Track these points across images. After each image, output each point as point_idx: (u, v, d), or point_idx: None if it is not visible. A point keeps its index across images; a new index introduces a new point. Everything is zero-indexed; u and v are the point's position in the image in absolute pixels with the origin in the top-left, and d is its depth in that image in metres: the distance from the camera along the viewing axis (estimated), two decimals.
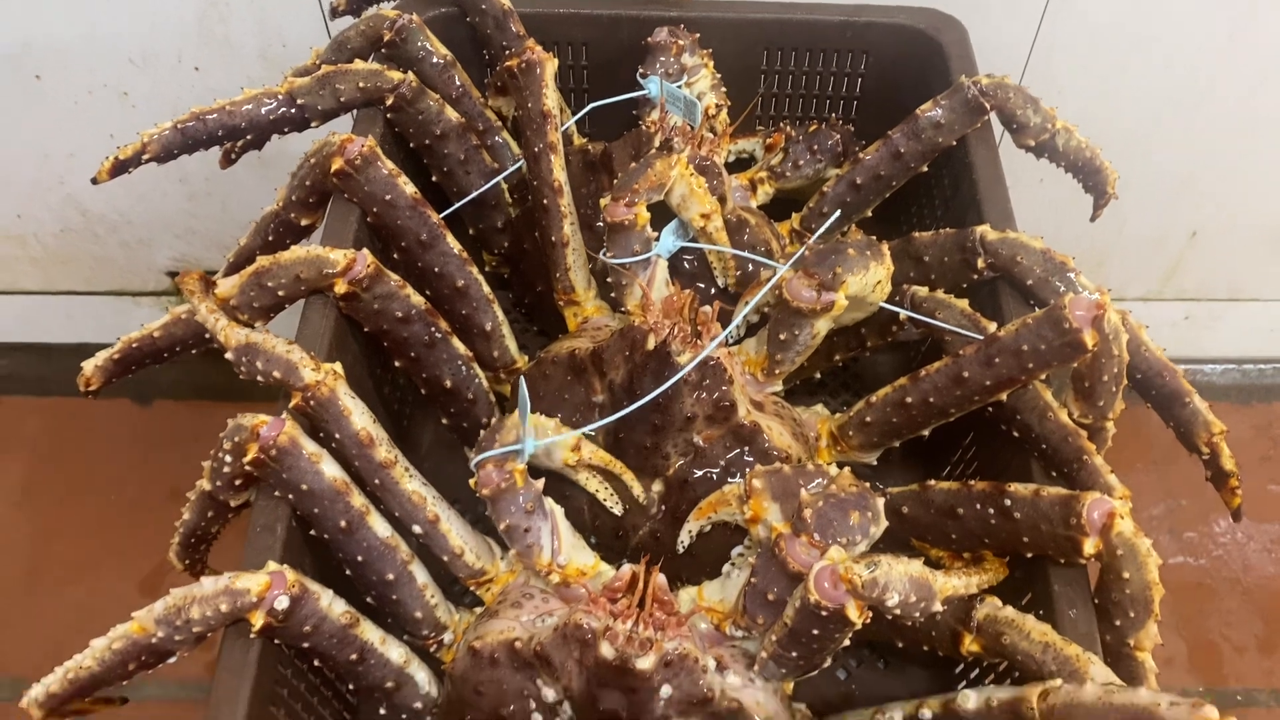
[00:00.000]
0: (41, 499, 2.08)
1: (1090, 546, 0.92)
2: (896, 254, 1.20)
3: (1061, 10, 1.67)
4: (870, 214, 1.36)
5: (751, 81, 1.49)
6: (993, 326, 1.10)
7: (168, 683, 1.78)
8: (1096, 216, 1.39)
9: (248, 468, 0.98)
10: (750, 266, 1.25)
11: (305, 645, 0.96)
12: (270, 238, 1.28)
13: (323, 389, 0.99)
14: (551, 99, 1.23)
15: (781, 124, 1.51)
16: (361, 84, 1.27)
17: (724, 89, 1.41)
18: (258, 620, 0.91)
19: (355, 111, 1.31)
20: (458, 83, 1.35)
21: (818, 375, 1.37)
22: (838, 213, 1.21)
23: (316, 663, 1.00)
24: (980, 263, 1.14)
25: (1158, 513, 2.14)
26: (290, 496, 0.99)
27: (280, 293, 1.11)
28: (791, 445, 1.11)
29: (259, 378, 1.01)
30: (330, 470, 0.98)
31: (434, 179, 1.36)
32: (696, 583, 1.07)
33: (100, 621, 0.97)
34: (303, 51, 1.60)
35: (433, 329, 1.16)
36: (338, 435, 1.00)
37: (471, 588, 1.07)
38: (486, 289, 1.23)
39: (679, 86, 1.36)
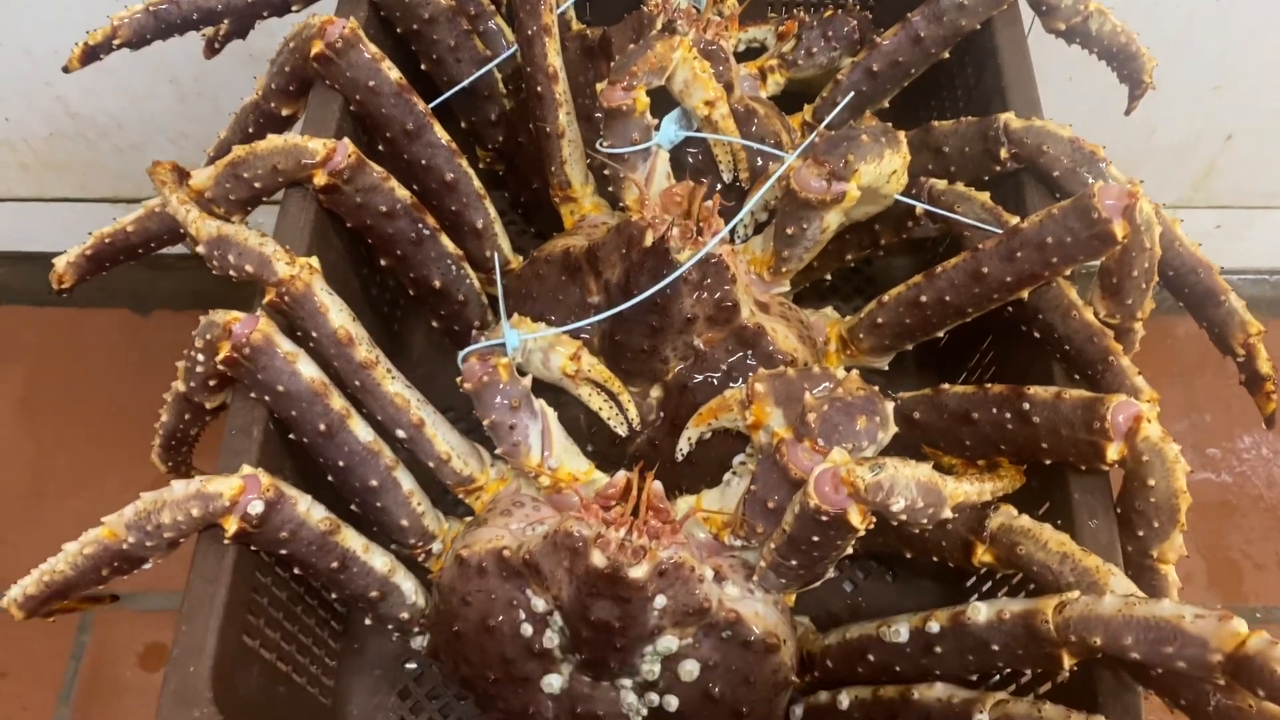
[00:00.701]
0: (41, 410, 2.05)
1: (1114, 451, 0.86)
2: (914, 145, 1.12)
3: None
4: (887, 104, 1.27)
5: None
6: (1014, 220, 1.03)
7: (171, 594, 1.78)
8: (1132, 109, 1.30)
9: (221, 368, 0.93)
10: (759, 159, 1.17)
11: (283, 552, 0.92)
12: (250, 129, 1.21)
13: (297, 284, 0.93)
14: None
15: (795, 10, 1.42)
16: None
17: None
18: (231, 526, 0.87)
19: None
20: None
21: (828, 278, 1.30)
22: (850, 95, 1.12)
23: (297, 571, 0.96)
24: (1003, 153, 1.07)
25: (1181, 428, 2.07)
26: (266, 398, 0.94)
27: (257, 184, 1.05)
28: (798, 349, 1.05)
29: (231, 273, 0.95)
30: (307, 370, 0.93)
31: (423, 67, 1.28)
32: (696, 492, 1.02)
33: None
34: None
35: (420, 225, 1.09)
36: (315, 334, 0.95)
37: (461, 496, 1.02)
38: (477, 183, 1.16)
39: None
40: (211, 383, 0.99)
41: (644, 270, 1.00)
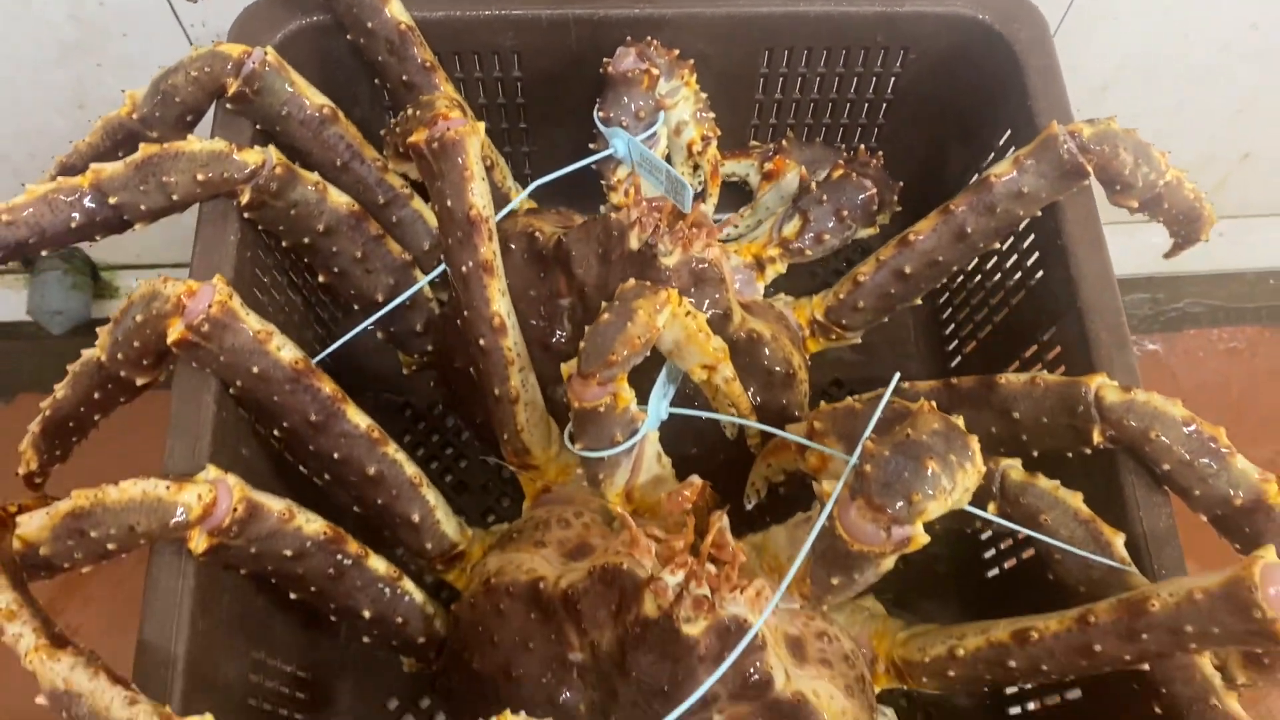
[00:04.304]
0: None
1: None
2: (973, 400, 0.87)
3: None
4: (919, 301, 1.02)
5: (746, 89, 1.10)
6: (1119, 540, 0.80)
7: None
8: (1174, 255, 1.08)
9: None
10: (766, 395, 0.92)
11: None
12: (96, 395, 0.91)
13: None
14: (480, 195, 0.85)
15: (783, 140, 1.13)
16: (200, 175, 0.87)
17: (711, 115, 1.03)
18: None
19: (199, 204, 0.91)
20: (344, 144, 0.95)
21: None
22: (895, 379, 0.85)
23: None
24: (1096, 434, 0.82)
25: None
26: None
27: (110, 545, 0.76)
28: (846, 710, 0.81)
29: None
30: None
31: (321, 279, 0.98)
32: None
33: None
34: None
35: (338, 556, 0.84)
36: None
37: None
38: (410, 470, 0.89)
39: (654, 129, 0.98)
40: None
41: (645, 647, 0.75)
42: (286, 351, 0.83)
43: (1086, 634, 0.74)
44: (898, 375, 0.83)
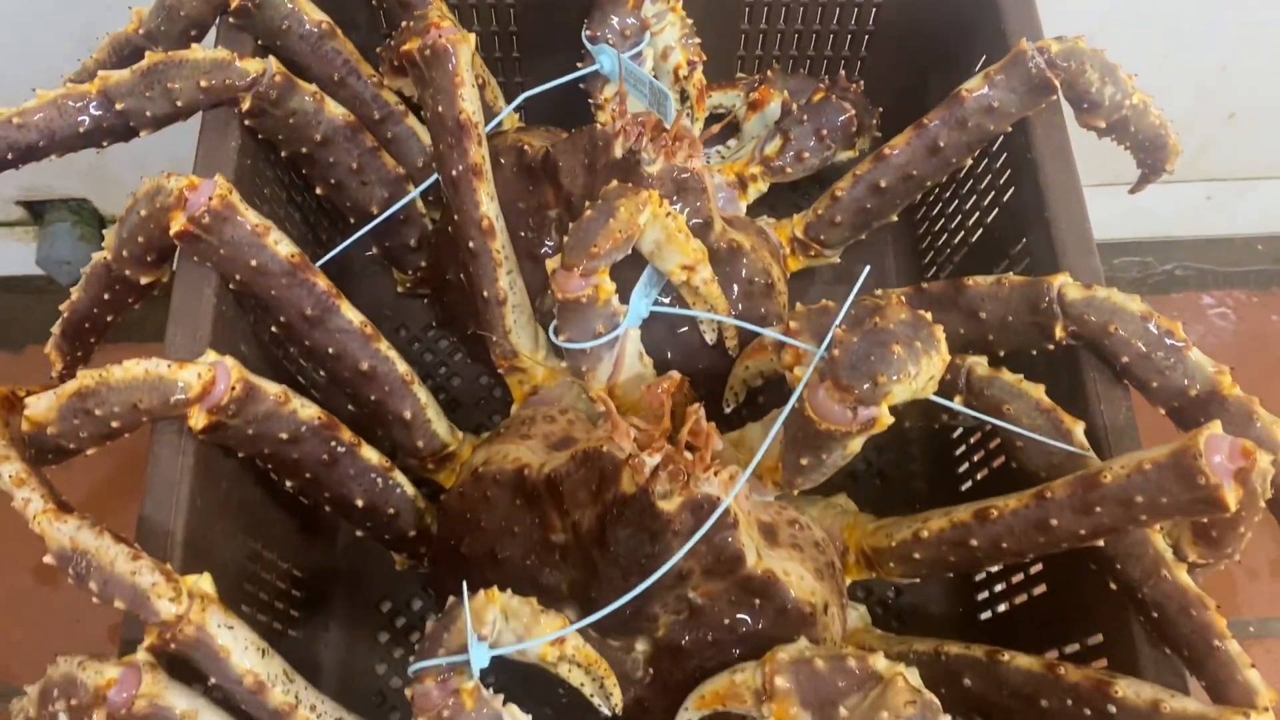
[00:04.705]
0: None
1: None
2: (941, 302, 0.91)
3: None
4: (895, 217, 1.05)
5: (731, 19, 1.13)
6: (1079, 429, 0.83)
7: None
8: (1139, 190, 1.12)
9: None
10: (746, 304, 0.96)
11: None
12: (106, 296, 0.95)
13: (186, 627, 0.70)
14: (470, 101, 0.89)
15: (768, 71, 1.17)
16: (204, 81, 0.91)
17: (697, 40, 1.06)
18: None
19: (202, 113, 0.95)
20: (341, 59, 0.99)
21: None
22: (866, 272, 0.89)
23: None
24: (1058, 330, 0.86)
25: (1274, 556, 1.87)
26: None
27: (114, 423, 0.80)
28: (816, 591, 0.85)
29: (94, 600, 0.72)
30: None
31: (319, 190, 1.02)
32: None
33: None
34: None
35: (332, 444, 0.87)
36: (215, 680, 0.72)
37: None
38: (401, 367, 0.92)
39: (640, 48, 1.01)
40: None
41: (622, 522, 0.79)
42: (283, 246, 0.86)
43: (1044, 509, 0.78)
44: (868, 268, 0.87)
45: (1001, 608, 1.01)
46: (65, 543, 0.73)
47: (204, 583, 0.73)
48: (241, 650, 0.72)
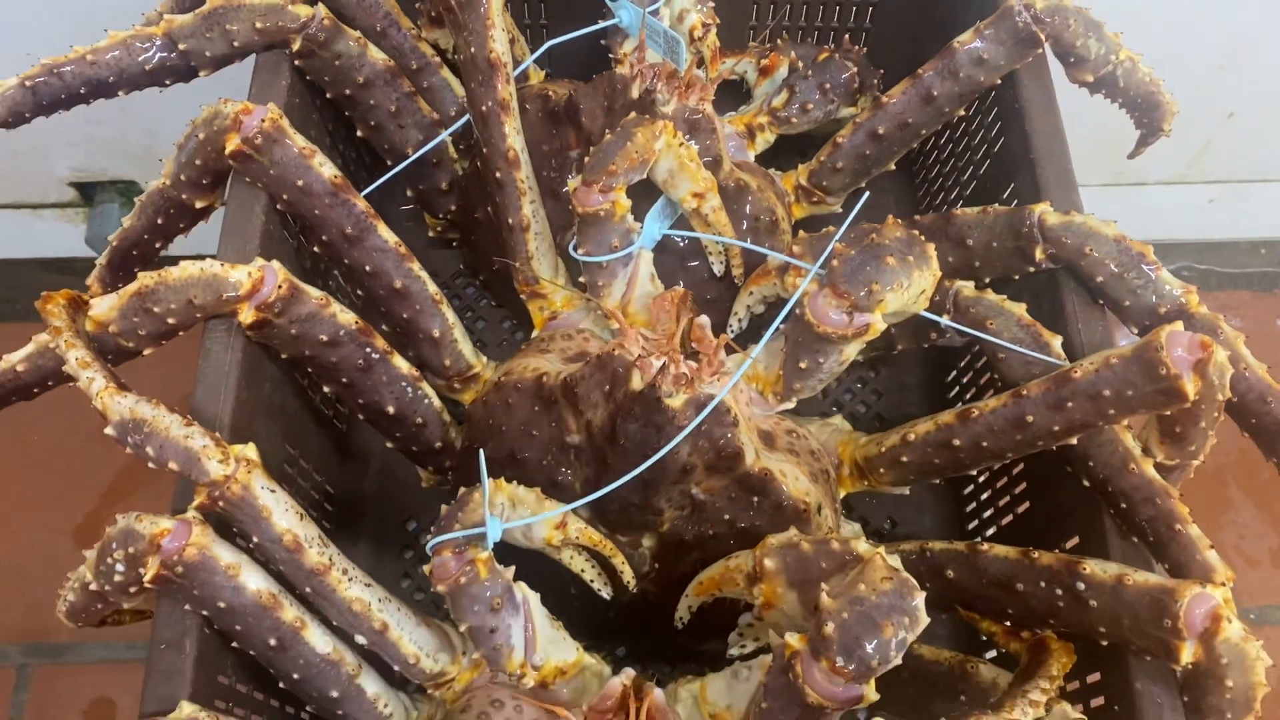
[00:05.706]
0: None
1: (1188, 654, 0.75)
2: (932, 232, 0.98)
3: None
4: (893, 166, 1.12)
5: None
6: (1056, 342, 0.90)
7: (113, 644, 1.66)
8: (1138, 154, 1.18)
9: (148, 584, 0.78)
10: (752, 239, 1.03)
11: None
12: (160, 220, 1.04)
13: (233, 486, 0.78)
14: (500, 42, 0.97)
15: (779, 39, 1.25)
16: (259, 24, 1.00)
17: (711, 3, 1.15)
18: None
19: (256, 55, 1.04)
20: (382, 12, 1.08)
21: None
22: (864, 197, 0.97)
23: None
24: (1038, 252, 0.93)
25: (1274, 545, 1.87)
26: (204, 613, 0.80)
27: (170, 320, 0.88)
28: (810, 492, 0.92)
29: (150, 465, 0.79)
30: (254, 583, 0.78)
31: (359, 133, 1.11)
32: (695, 650, 0.91)
33: None
34: None
35: (367, 349, 0.94)
36: (257, 539, 0.80)
37: (430, 691, 0.89)
38: (431, 287, 1.00)
39: (658, 6, 1.10)
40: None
41: (631, 417, 0.86)
42: (327, 169, 0.94)
43: (1021, 407, 0.84)
44: (867, 193, 0.94)
45: (990, 531, 1.07)
46: (125, 413, 0.80)
47: (249, 450, 0.80)
48: (282, 511, 0.79)
